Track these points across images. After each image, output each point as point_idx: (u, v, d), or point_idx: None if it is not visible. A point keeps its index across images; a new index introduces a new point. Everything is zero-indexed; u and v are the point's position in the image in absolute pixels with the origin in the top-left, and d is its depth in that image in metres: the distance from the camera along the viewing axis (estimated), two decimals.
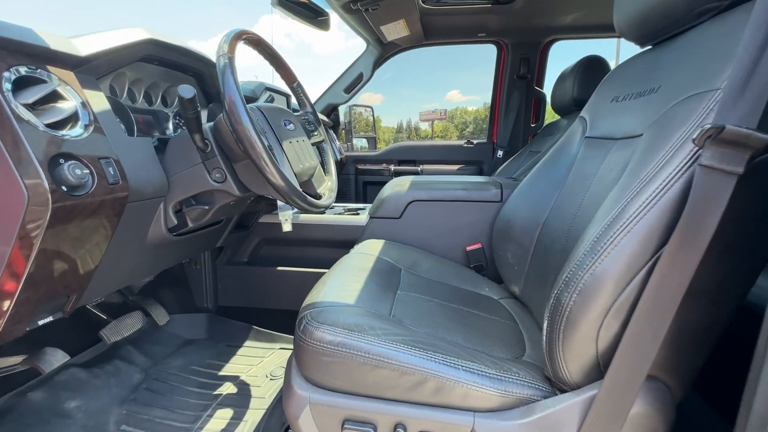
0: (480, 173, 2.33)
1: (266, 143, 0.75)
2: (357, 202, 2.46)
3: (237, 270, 1.39)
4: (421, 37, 1.98)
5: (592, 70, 1.60)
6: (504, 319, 0.90)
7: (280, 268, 1.36)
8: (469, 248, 1.20)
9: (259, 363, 1.23)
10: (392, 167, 2.40)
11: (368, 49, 2.12)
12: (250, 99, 1.27)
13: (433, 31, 1.96)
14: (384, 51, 2.12)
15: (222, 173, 0.80)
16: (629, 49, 0.90)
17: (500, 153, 2.22)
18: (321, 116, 2.11)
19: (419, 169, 2.36)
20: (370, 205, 1.52)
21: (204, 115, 1.01)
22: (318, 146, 1.11)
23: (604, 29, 1.93)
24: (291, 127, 0.92)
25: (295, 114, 1.04)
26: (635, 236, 0.50)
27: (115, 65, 0.78)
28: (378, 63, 2.17)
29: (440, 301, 0.91)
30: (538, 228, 0.98)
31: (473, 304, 0.94)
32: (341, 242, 1.33)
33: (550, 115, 2.25)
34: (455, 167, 2.34)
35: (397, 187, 1.28)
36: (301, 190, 0.81)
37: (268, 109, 0.85)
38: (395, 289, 0.91)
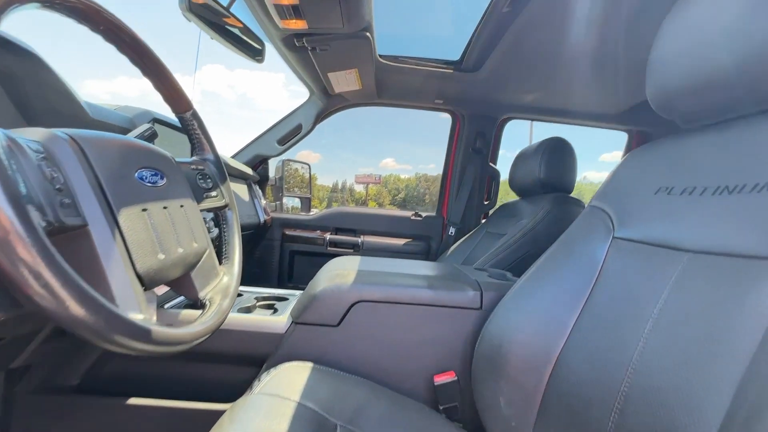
0: (428, 250, 2.04)
1: (43, 219, 0.33)
2: (279, 277, 1.99)
3: (56, 402, 0.83)
4: (374, 94, 1.75)
5: (559, 152, 1.46)
6: None
7: (135, 400, 0.84)
8: (438, 379, 0.82)
9: None
10: (327, 236, 2.01)
11: (311, 98, 1.83)
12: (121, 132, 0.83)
13: (388, 90, 1.75)
14: (329, 104, 1.84)
15: None
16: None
17: (452, 230, 1.97)
18: (244, 169, 1.70)
19: (359, 240, 2.00)
20: (297, 294, 1.10)
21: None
22: (217, 214, 0.70)
23: (559, 113, 1.89)
24: (161, 182, 0.51)
25: (184, 162, 0.64)
26: None
27: None
28: (321, 116, 1.88)
29: None
30: (549, 365, 0.65)
31: None
32: (244, 358, 0.87)
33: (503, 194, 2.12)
34: (401, 241, 2.03)
35: (337, 278, 0.89)
36: (135, 317, 0.38)
37: (100, 142, 0.44)
38: None
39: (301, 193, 2.56)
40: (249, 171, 1.80)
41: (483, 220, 2.09)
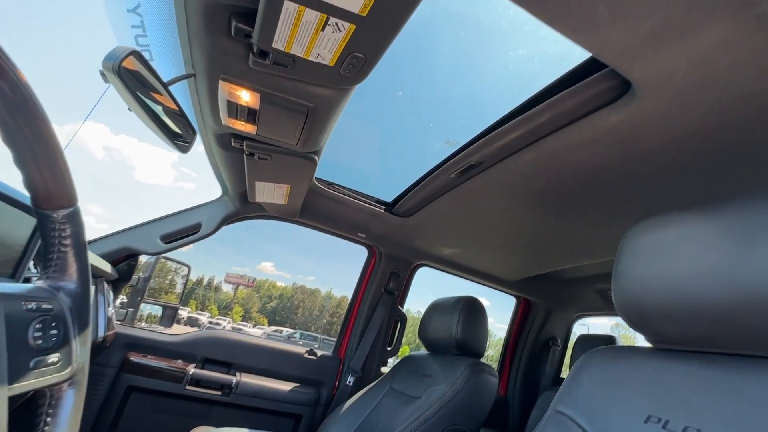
0: (317, 400, 1.69)
1: None
2: (96, 426, 1.36)
3: None
4: (296, 213, 1.61)
5: (475, 313, 1.46)
6: None
7: None
8: None
9: None
10: (191, 369, 1.52)
11: (222, 199, 1.59)
12: None
13: (313, 212, 1.63)
14: (242, 210, 1.61)
15: None
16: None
17: (351, 380, 1.70)
18: (98, 262, 1.26)
19: (234, 380, 1.56)
20: None
21: None
22: (45, 392, 0.38)
23: (467, 270, 1.99)
24: None
25: (13, 293, 0.35)
26: None
27: None
28: (228, 220, 1.61)
29: None
30: None
31: None
32: None
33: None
34: (287, 386, 1.65)
35: None
36: None
37: None
38: None
39: (167, 301, 2.04)
40: (105, 266, 1.34)
41: (382, 367, 1.89)
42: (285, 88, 0.80)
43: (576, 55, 0.77)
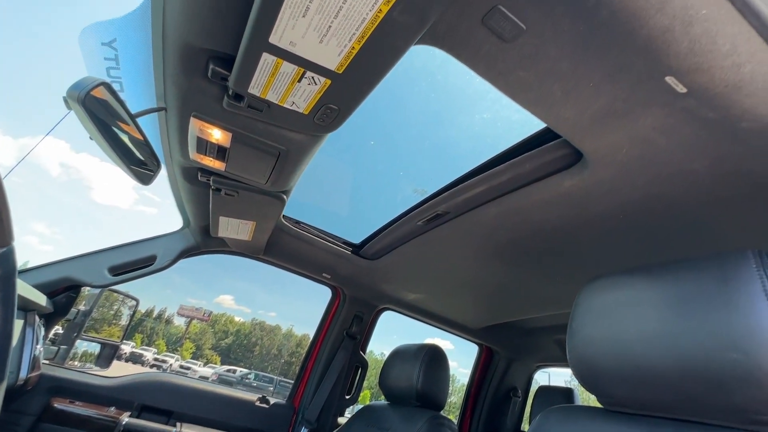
0: None
1: None
2: None
3: None
4: (261, 250, 1.56)
5: (437, 363, 1.43)
6: None
7: None
8: None
9: None
10: (125, 419, 1.37)
11: (182, 231, 1.52)
12: None
13: (278, 250, 1.59)
14: (203, 243, 1.55)
15: None
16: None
17: (304, 431, 1.59)
18: (30, 294, 1.15)
19: (173, 430, 1.41)
20: None
21: None
22: None
23: (430, 316, 1.98)
24: None
25: None
26: None
27: None
28: (186, 254, 1.54)
29: None
30: None
31: None
32: None
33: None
34: None
35: None
36: None
37: None
38: None
39: (107, 337, 1.86)
40: (39, 298, 1.23)
41: (339, 418, 1.79)
42: (257, 129, 0.81)
43: (535, 123, 0.83)
